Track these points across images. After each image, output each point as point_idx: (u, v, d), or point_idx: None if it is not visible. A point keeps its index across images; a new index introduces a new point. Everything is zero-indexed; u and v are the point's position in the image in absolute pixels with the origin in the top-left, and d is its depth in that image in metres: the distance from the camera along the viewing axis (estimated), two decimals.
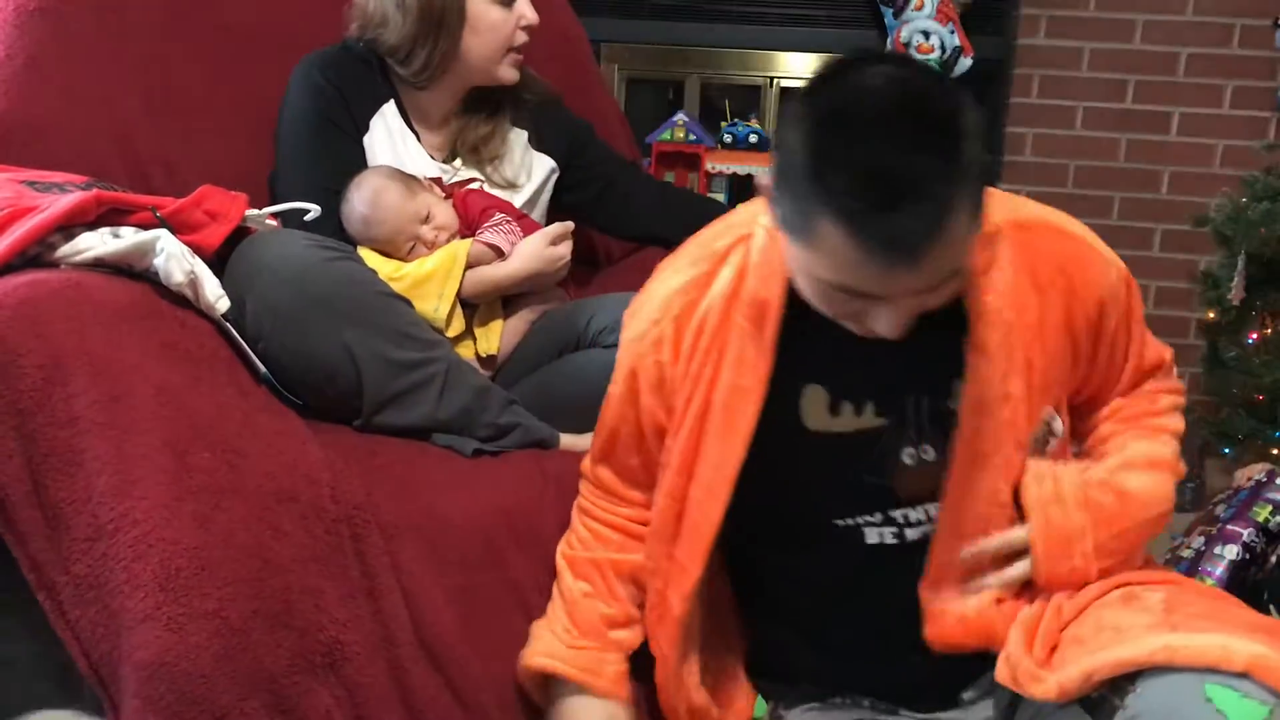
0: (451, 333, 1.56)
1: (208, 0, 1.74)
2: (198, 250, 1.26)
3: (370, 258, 1.55)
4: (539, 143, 1.78)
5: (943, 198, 0.89)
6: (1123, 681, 0.99)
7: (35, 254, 1.17)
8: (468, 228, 1.63)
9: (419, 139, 1.70)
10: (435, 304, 1.54)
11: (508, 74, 1.69)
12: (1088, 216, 3.89)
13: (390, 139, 1.67)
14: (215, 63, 1.72)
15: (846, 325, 1.02)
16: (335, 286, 1.35)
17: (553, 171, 1.79)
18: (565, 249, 1.63)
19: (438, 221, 1.59)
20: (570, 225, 1.66)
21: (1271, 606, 2.00)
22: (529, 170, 1.76)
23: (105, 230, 1.20)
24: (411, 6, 1.60)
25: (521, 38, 1.67)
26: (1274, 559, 2.01)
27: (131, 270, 1.21)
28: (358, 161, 1.64)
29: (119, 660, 1.03)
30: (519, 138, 1.77)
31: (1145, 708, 0.96)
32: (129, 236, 1.20)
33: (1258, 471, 2.15)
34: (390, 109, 1.68)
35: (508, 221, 1.63)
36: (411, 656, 1.19)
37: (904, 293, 0.95)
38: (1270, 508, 2.04)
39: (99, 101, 1.54)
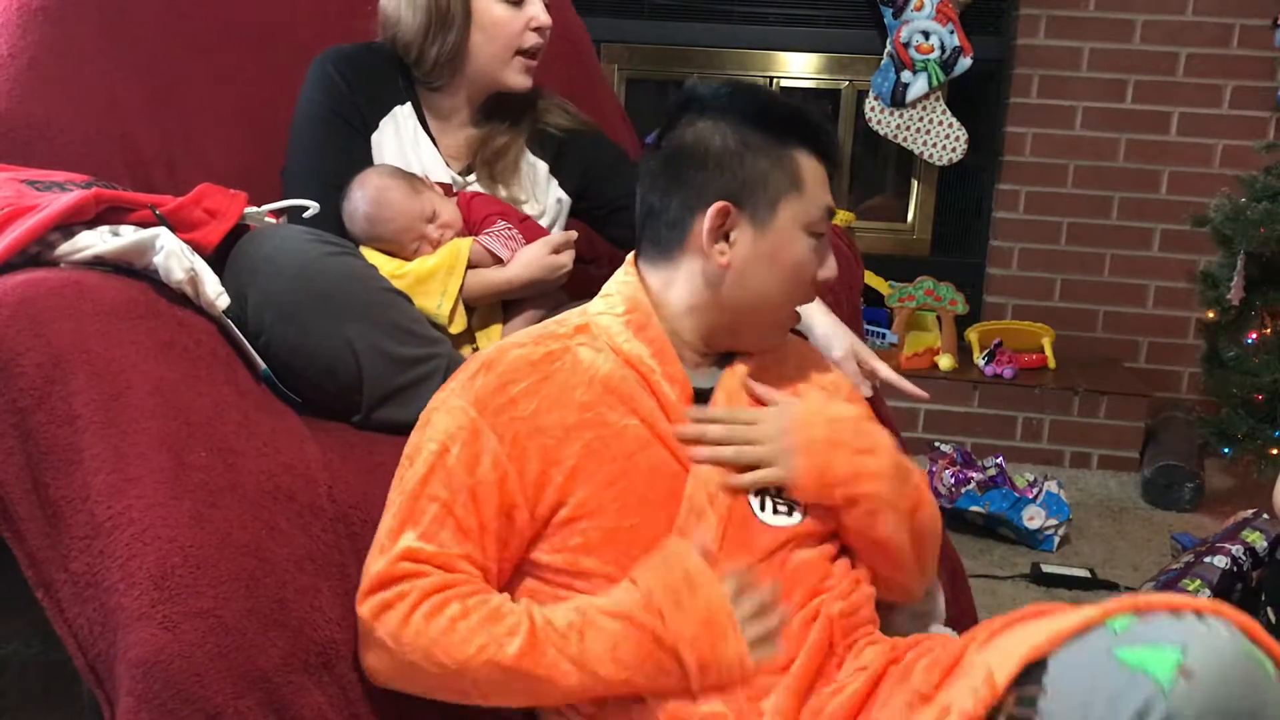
0: (455, 329, 1.56)
1: (210, 0, 1.74)
2: (197, 248, 1.26)
3: (372, 256, 1.55)
4: (556, 173, 1.77)
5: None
6: (1024, 691, 0.94)
7: (35, 253, 1.17)
8: (469, 230, 1.63)
9: (435, 144, 1.70)
10: (438, 300, 1.54)
11: (516, 79, 1.67)
12: (1087, 216, 3.93)
13: (399, 140, 1.67)
14: (217, 62, 1.72)
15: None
16: (336, 281, 1.35)
17: (563, 202, 1.78)
18: (567, 258, 1.63)
19: (443, 220, 1.59)
20: (574, 235, 1.65)
21: (1269, 609, 2.03)
22: (539, 197, 1.75)
23: (104, 228, 1.21)
24: (420, 1, 1.61)
25: (532, 39, 1.65)
26: (1259, 573, 2.11)
27: (131, 268, 1.21)
28: (363, 158, 1.63)
29: (115, 658, 1.03)
30: (537, 168, 1.75)
31: (1061, 691, 0.91)
32: (128, 234, 1.20)
33: (1248, 512, 2.28)
34: (405, 111, 1.67)
35: (509, 229, 1.62)
36: None
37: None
38: (1260, 534, 2.18)
39: (101, 101, 1.54)
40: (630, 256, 1.28)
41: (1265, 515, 2.22)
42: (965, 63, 3.22)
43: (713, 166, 1.19)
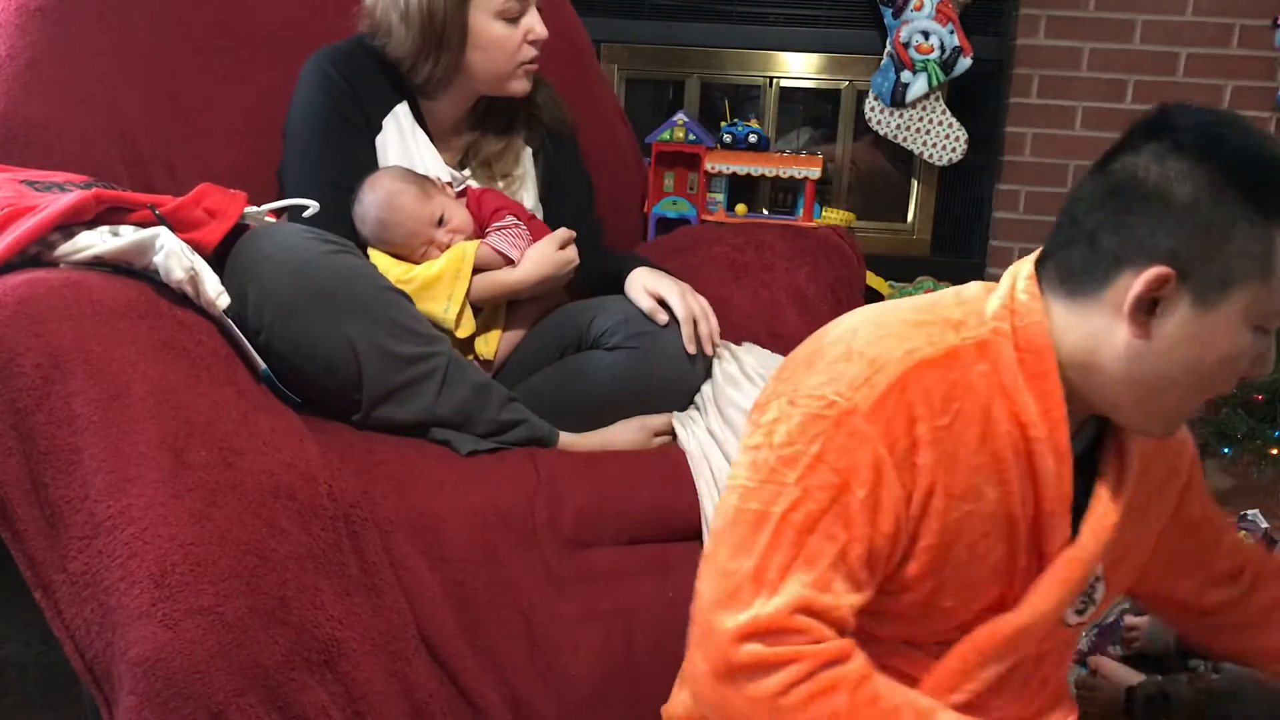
0: (462, 333, 1.55)
1: (209, 1, 1.74)
2: (197, 248, 1.27)
3: (381, 260, 1.54)
4: (535, 162, 1.78)
5: None
6: None
7: (35, 253, 1.17)
8: (480, 227, 1.62)
9: (431, 141, 1.70)
10: (445, 304, 1.53)
11: (518, 87, 1.67)
12: None
13: (403, 140, 1.66)
14: (216, 62, 1.72)
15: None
16: (336, 279, 1.35)
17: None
18: (574, 252, 1.63)
19: (453, 224, 1.58)
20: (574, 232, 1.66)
21: None
22: (532, 189, 1.76)
23: (104, 229, 1.21)
24: (414, 20, 1.58)
25: (530, 52, 1.64)
26: None
27: (131, 268, 1.21)
28: (367, 158, 1.63)
29: (114, 657, 1.03)
30: (528, 156, 1.76)
31: None
32: (128, 234, 1.21)
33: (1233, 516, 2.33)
34: (403, 109, 1.67)
35: (517, 225, 1.62)
36: (414, 650, 1.20)
37: None
38: (1245, 533, 2.21)
39: (100, 101, 1.55)
40: (1031, 266, 1.05)
41: (1249, 516, 2.25)
42: (965, 63, 3.22)
43: (1169, 220, 0.94)
